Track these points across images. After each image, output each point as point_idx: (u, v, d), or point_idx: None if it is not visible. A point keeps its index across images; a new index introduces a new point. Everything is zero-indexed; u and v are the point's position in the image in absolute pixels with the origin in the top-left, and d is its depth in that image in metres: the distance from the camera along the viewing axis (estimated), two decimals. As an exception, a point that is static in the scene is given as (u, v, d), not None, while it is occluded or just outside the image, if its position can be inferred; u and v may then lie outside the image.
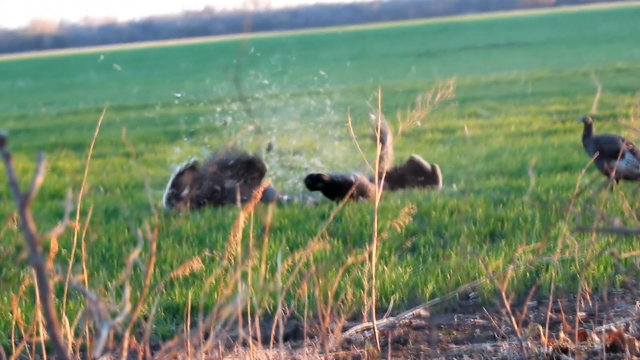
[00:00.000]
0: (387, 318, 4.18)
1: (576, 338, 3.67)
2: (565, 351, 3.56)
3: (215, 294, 4.57)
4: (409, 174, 7.81)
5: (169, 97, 21.37)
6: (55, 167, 10.48)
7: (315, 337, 3.95)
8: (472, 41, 44.57)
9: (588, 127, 6.85)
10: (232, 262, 3.44)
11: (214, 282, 4.71)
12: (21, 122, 18.04)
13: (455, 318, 4.30)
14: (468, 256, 5.12)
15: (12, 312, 4.19)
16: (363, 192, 7.27)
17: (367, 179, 7.35)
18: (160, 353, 2.58)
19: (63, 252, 5.24)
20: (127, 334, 2.27)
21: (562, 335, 3.71)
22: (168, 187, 7.45)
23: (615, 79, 17.65)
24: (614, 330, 3.77)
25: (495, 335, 3.96)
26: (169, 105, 18.92)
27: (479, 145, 10.25)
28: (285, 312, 4.14)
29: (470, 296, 4.61)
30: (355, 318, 4.21)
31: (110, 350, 3.70)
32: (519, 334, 3.49)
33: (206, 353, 3.58)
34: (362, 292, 4.12)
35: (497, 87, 18.45)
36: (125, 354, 2.30)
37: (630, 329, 3.92)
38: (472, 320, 4.24)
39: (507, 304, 3.38)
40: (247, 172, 7.59)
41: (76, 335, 3.52)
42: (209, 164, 7.57)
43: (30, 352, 3.70)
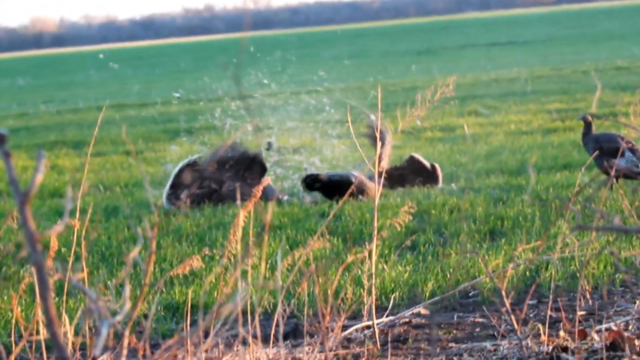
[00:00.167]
0: (387, 317, 4.18)
1: (576, 337, 3.67)
2: (565, 350, 3.56)
3: (215, 293, 4.57)
4: (408, 172, 7.81)
5: (169, 95, 21.37)
6: (55, 165, 10.48)
7: (315, 336, 3.95)
8: (473, 39, 44.56)
9: (588, 126, 6.84)
10: (232, 260, 3.44)
11: (213, 281, 4.71)
12: (21, 120, 18.04)
13: (455, 317, 4.30)
14: (468, 255, 5.12)
15: (12, 311, 4.19)
16: (362, 190, 7.27)
17: (365, 177, 7.34)
18: (160, 351, 2.58)
19: (63, 250, 5.24)
20: (127, 333, 2.26)
21: (562, 333, 3.71)
22: (168, 185, 7.44)
23: (615, 78, 17.65)
24: (614, 329, 3.77)
25: (495, 333, 3.97)
26: (168, 104, 18.93)
27: (479, 143, 10.25)
28: (285, 311, 4.14)
29: (470, 295, 4.61)
30: (355, 317, 4.21)
31: (110, 348, 3.70)
32: (519, 333, 3.49)
33: (206, 351, 3.58)
34: (362, 290, 4.12)
35: (497, 86, 18.45)
36: (125, 352, 2.30)
37: (630, 327, 3.92)
38: (472, 319, 4.24)
39: (507, 303, 3.38)
40: (247, 170, 7.59)
41: (76, 334, 3.52)
42: (208, 161, 7.56)
43: (30, 351, 3.70)
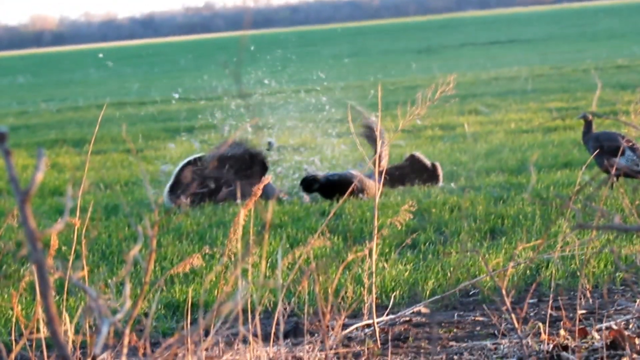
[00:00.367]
0: (387, 315, 4.17)
1: (576, 335, 3.67)
2: (565, 348, 3.56)
3: (216, 291, 4.56)
4: (409, 171, 7.81)
5: (168, 93, 21.37)
6: (55, 163, 10.48)
7: (316, 335, 3.95)
8: (473, 38, 44.56)
9: (588, 124, 6.84)
10: (233, 259, 3.44)
11: (214, 279, 4.70)
12: (21, 119, 18.04)
13: (455, 315, 4.30)
14: (468, 253, 5.12)
15: (12, 309, 4.19)
16: (361, 188, 7.27)
17: (363, 176, 7.34)
18: (161, 350, 2.58)
19: (63, 248, 5.24)
20: (127, 331, 2.26)
21: (562, 332, 3.71)
22: (170, 183, 7.44)
23: (615, 76, 17.64)
24: (614, 327, 3.77)
25: (496, 332, 3.96)
26: (168, 102, 18.92)
27: (479, 142, 10.25)
28: (285, 309, 4.14)
29: (471, 293, 4.61)
30: (356, 315, 4.21)
31: (111, 347, 3.69)
32: (519, 331, 3.49)
33: (206, 350, 3.58)
34: (362, 289, 4.12)
35: (498, 84, 18.45)
36: (125, 350, 2.30)
37: (630, 326, 3.92)
38: (473, 318, 4.24)
39: (508, 301, 3.38)
40: (248, 168, 7.58)
41: (76, 332, 3.52)
42: (210, 159, 7.56)
43: (30, 349, 3.69)
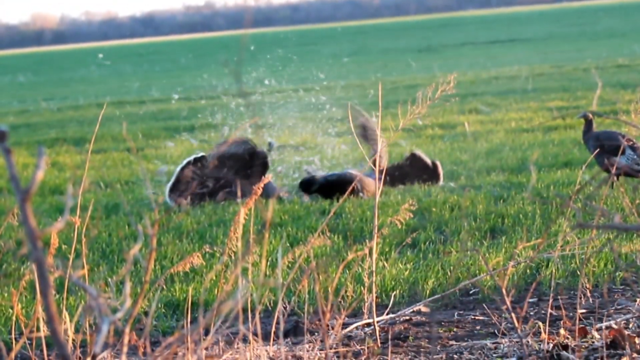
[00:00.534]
0: (387, 314, 4.18)
1: (576, 335, 3.67)
2: (565, 348, 3.56)
3: (216, 290, 4.57)
4: (410, 169, 7.81)
5: (169, 92, 21.36)
6: (55, 162, 10.48)
7: (316, 334, 3.95)
8: (473, 37, 44.55)
9: (588, 123, 6.84)
10: (233, 257, 3.44)
11: (214, 278, 4.70)
12: (22, 117, 18.04)
13: (455, 314, 4.30)
14: (468, 252, 5.12)
15: (12, 308, 4.19)
16: (360, 187, 7.27)
17: (362, 175, 7.35)
18: (161, 349, 2.57)
19: (63, 247, 5.23)
20: (127, 330, 2.26)
21: (562, 331, 3.71)
22: (171, 182, 7.44)
23: (615, 75, 17.64)
24: (615, 327, 3.77)
25: (496, 331, 3.97)
26: (169, 101, 18.92)
27: (479, 141, 10.25)
28: (285, 308, 4.14)
29: (471, 292, 4.61)
30: (356, 314, 4.21)
31: (111, 345, 3.70)
32: (519, 331, 3.49)
33: (206, 349, 3.58)
34: (362, 288, 4.12)
35: (498, 83, 18.45)
36: (125, 349, 2.30)
37: (630, 325, 3.92)
38: (473, 317, 4.24)
39: (508, 301, 3.38)
40: (248, 167, 7.58)
41: (76, 331, 3.52)
42: (211, 158, 7.56)
43: (30, 348, 3.69)
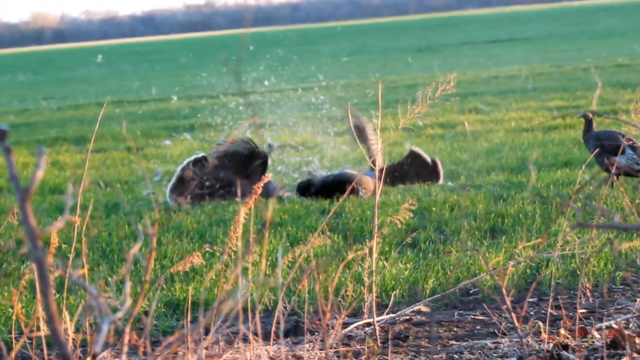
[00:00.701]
0: (387, 314, 4.18)
1: (576, 334, 3.67)
2: (565, 347, 3.56)
3: (216, 289, 4.56)
4: (409, 167, 7.80)
5: (169, 91, 21.36)
6: (55, 161, 10.48)
7: (316, 333, 3.95)
8: (473, 36, 44.55)
9: (588, 123, 6.84)
10: (233, 257, 3.44)
11: (214, 278, 4.70)
12: (22, 116, 18.04)
13: (455, 314, 4.30)
14: (468, 252, 5.12)
15: (12, 307, 4.19)
16: (359, 186, 7.27)
17: (359, 173, 7.37)
18: (161, 348, 2.57)
19: (63, 246, 5.23)
20: (127, 329, 2.26)
21: (562, 331, 3.71)
22: (172, 182, 7.44)
23: (615, 75, 17.64)
24: (615, 326, 3.77)
25: (496, 331, 3.96)
26: (169, 100, 18.92)
27: (479, 140, 10.25)
28: (285, 308, 4.13)
29: (471, 292, 4.61)
30: (356, 314, 4.21)
31: (111, 345, 3.69)
32: (519, 330, 3.49)
33: (206, 348, 3.58)
34: (362, 287, 4.12)
35: (498, 83, 18.45)
36: (125, 349, 2.30)
37: (630, 325, 3.92)
38: (473, 317, 4.24)
39: (508, 300, 3.38)
40: (247, 166, 7.57)
41: (77, 330, 3.52)
42: (212, 157, 7.56)
43: (30, 347, 3.69)
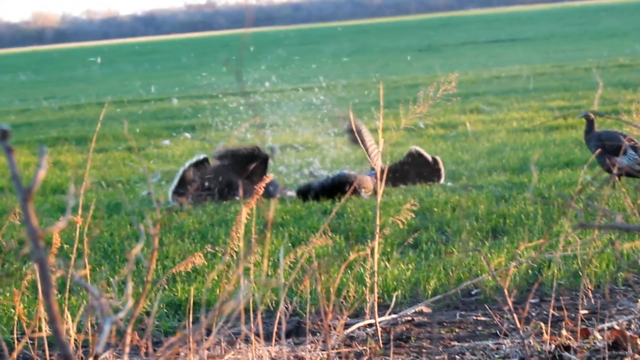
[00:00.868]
0: (389, 315, 4.17)
1: (578, 335, 3.67)
2: (567, 349, 3.55)
3: (218, 290, 4.56)
4: (410, 166, 7.80)
5: (170, 91, 21.36)
6: (57, 161, 10.48)
7: (318, 334, 3.95)
8: (474, 36, 44.54)
9: (590, 123, 6.83)
10: (234, 257, 3.44)
11: (216, 278, 4.70)
12: (23, 116, 18.04)
13: (457, 315, 4.30)
14: (470, 253, 5.12)
15: (14, 307, 4.19)
16: (358, 185, 7.28)
17: (357, 173, 7.38)
18: (163, 349, 2.57)
19: (65, 247, 5.23)
20: (129, 330, 2.26)
21: (564, 332, 3.71)
22: (175, 183, 7.44)
23: (617, 75, 17.63)
24: (616, 327, 3.77)
25: (498, 332, 3.96)
26: (170, 100, 18.92)
27: (480, 140, 10.24)
28: (287, 309, 4.13)
29: (473, 293, 4.61)
30: (358, 315, 4.21)
31: (113, 345, 3.70)
32: (521, 331, 3.49)
33: (208, 349, 3.58)
34: (364, 288, 4.12)
35: (499, 83, 18.44)
36: (127, 349, 2.30)
37: (632, 326, 3.91)
38: (475, 317, 4.24)
39: (510, 301, 3.37)
40: (250, 165, 7.57)
41: (78, 331, 3.52)
42: (215, 158, 7.56)
43: (32, 348, 3.69)
